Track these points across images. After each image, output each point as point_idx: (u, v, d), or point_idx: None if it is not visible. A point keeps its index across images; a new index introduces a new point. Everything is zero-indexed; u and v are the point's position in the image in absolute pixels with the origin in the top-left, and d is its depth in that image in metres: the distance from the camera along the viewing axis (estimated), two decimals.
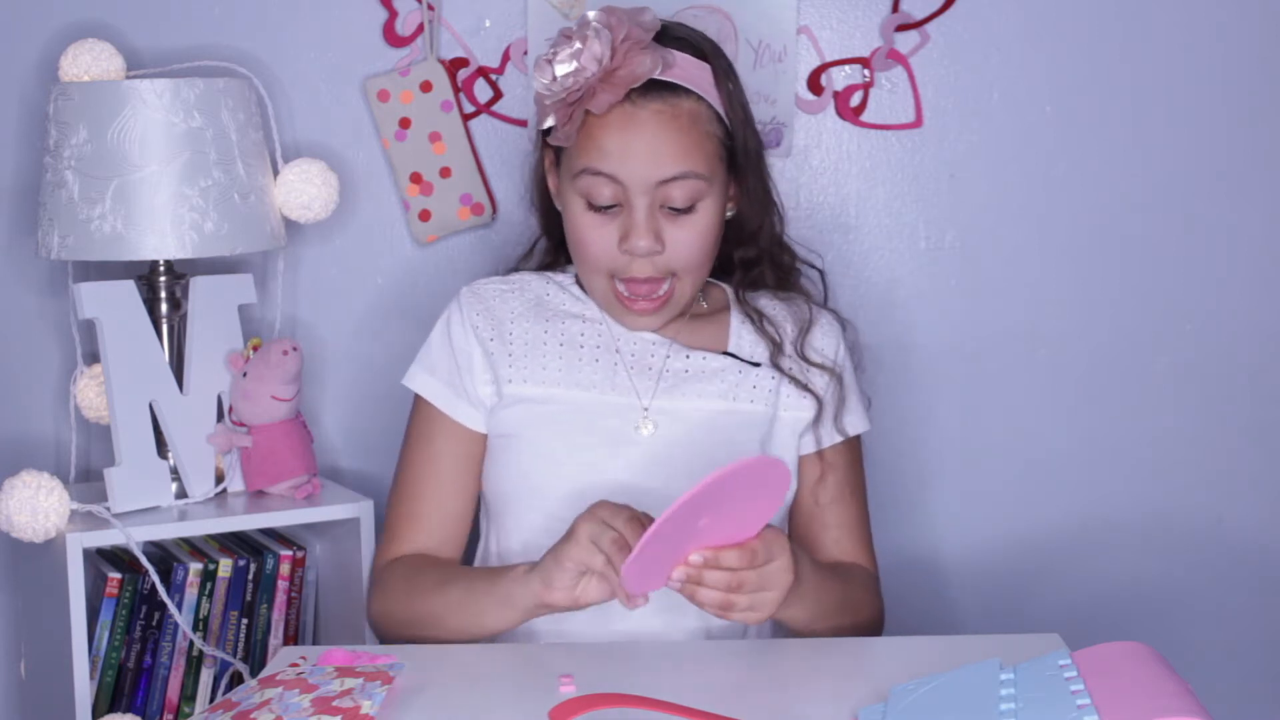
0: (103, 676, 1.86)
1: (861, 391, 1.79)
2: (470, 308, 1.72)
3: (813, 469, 1.73)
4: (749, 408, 1.69)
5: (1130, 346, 2.17)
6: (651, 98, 1.61)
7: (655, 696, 1.33)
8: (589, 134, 1.62)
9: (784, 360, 1.71)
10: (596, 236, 1.64)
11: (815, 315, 1.75)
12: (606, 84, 1.59)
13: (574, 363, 1.69)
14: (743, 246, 1.76)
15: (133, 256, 1.80)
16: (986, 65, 2.11)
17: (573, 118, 1.61)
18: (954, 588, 2.18)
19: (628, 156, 1.60)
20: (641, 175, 1.61)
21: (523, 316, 1.72)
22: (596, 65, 1.59)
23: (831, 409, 1.72)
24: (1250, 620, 2.22)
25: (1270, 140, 2.15)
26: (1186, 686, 1.17)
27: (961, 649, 1.44)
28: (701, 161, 1.63)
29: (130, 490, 1.83)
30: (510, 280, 1.76)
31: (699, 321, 1.74)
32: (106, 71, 1.87)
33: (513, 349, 1.70)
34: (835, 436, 1.73)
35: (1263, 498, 2.21)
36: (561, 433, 1.66)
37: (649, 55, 1.60)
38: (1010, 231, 2.15)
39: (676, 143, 1.61)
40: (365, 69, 2.06)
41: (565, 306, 1.73)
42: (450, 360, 1.71)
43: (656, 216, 1.62)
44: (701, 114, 1.63)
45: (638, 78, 1.60)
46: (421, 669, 1.43)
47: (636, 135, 1.61)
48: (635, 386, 1.68)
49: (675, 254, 1.64)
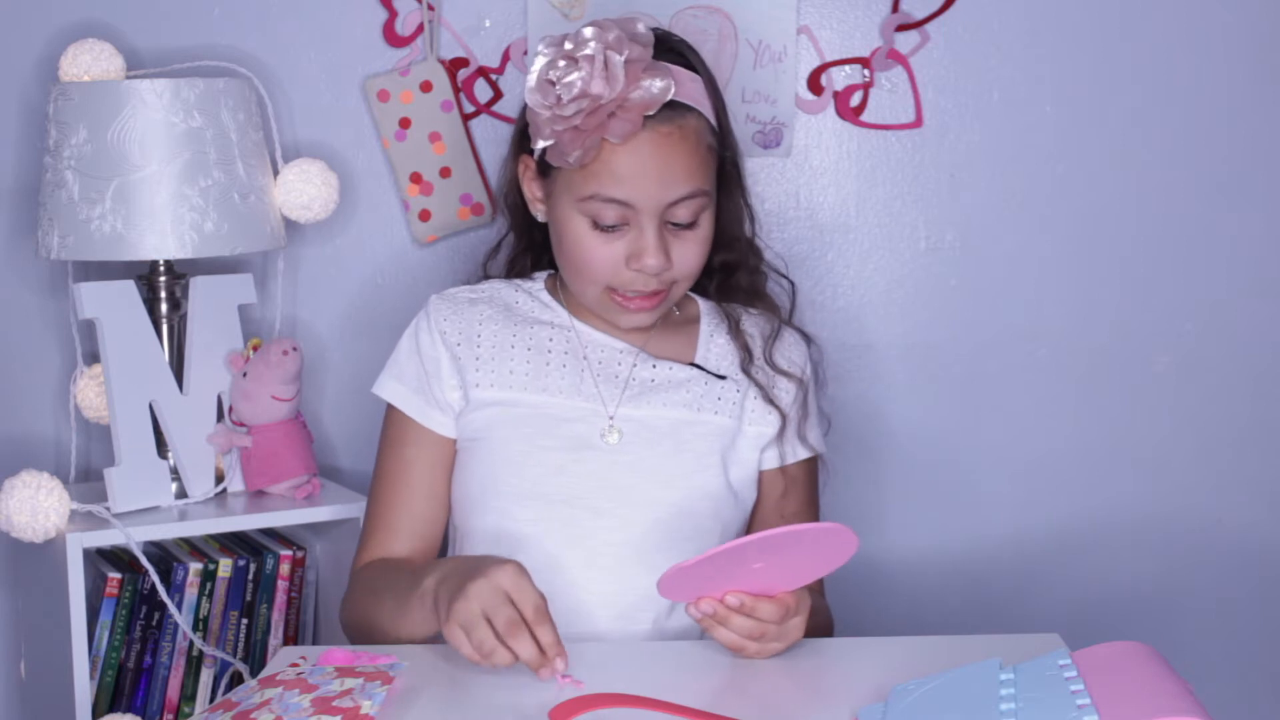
0: (103, 676, 1.86)
1: (822, 411, 1.79)
2: (438, 314, 1.72)
3: (775, 484, 1.73)
4: (713, 419, 1.69)
5: (1130, 346, 2.17)
6: (660, 119, 1.60)
7: (655, 696, 1.33)
8: (597, 157, 1.60)
9: (754, 369, 1.71)
10: (602, 255, 1.63)
11: (781, 330, 1.76)
12: (621, 111, 1.58)
13: (541, 368, 1.69)
14: (721, 251, 1.76)
15: (133, 256, 1.80)
16: (986, 65, 2.11)
17: (586, 146, 1.59)
18: (954, 588, 2.18)
19: (640, 181, 1.60)
20: (653, 198, 1.60)
21: (491, 321, 1.72)
22: (607, 91, 1.58)
23: (795, 424, 1.72)
24: (1250, 620, 2.22)
25: (1270, 141, 2.15)
26: (1186, 686, 1.17)
27: (961, 649, 1.44)
28: (705, 179, 1.64)
29: (130, 490, 1.83)
30: (479, 288, 1.77)
31: (668, 331, 1.74)
32: (106, 71, 1.87)
33: (480, 353, 1.70)
34: (801, 452, 1.73)
35: (1263, 498, 2.21)
36: (525, 435, 1.65)
37: (658, 77, 1.59)
38: (1010, 231, 2.15)
39: (685, 164, 1.61)
40: (365, 69, 2.06)
41: (534, 313, 1.73)
42: (419, 367, 1.71)
43: (664, 235, 1.63)
44: (703, 130, 1.64)
45: (650, 105, 1.58)
46: (421, 669, 1.43)
47: (649, 159, 1.60)
48: (601, 394, 1.68)
49: (679, 267, 1.65)
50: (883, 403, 2.05)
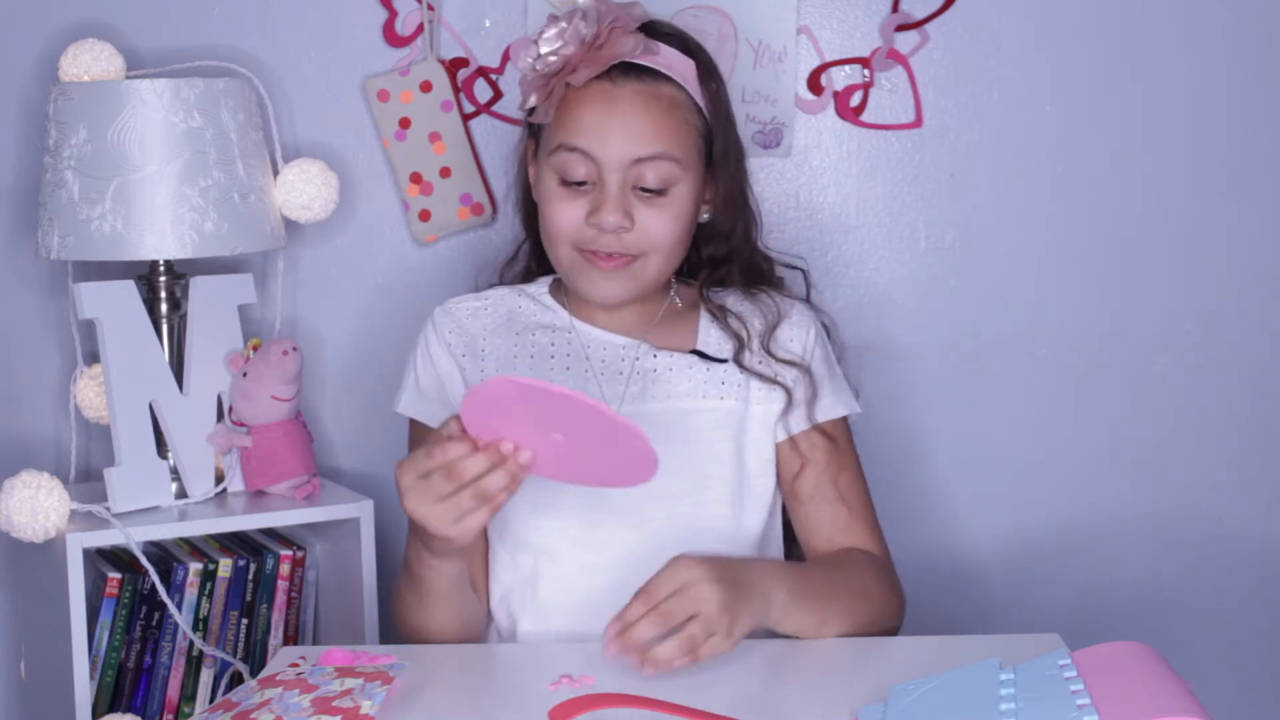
0: (103, 676, 1.86)
1: (846, 379, 1.76)
2: (443, 326, 1.73)
3: (791, 461, 1.70)
4: (719, 404, 1.68)
5: (1130, 346, 2.17)
6: (631, 79, 1.63)
7: (655, 696, 1.33)
8: (566, 110, 1.63)
9: (747, 356, 1.70)
10: (565, 208, 1.64)
11: (784, 310, 1.74)
12: (588, 60, 1.61)
13: (544, 373, 1.69)
14: (712, 244, 1.76)
15: (133, 256, 1.80)
16: (986, 65, 2.11)
17: (552, 93, 1.62)
18: (954, 588, 2.18)
19: (604, 132, 1.61)
20: (616, 152, 1.61)
21: (494, 333, 1.72)
22: (580, 43, 1.61)
23: (803, 399, 1.70)
24: (1250, 620, 2.22)
25: (1270, 140, 2.15)
26: (1186, 686, 1.17)
27: (961, 649, 1.44)
28: (677, 145, 1.63)
29: (130, 490, 1.83)
30: (482, 296, 1.77)
31: (670, 321, 1.74)
32: (106, 71, 1.87)
33: (485, 364, 1.70)
34: (804, 424, 1.71)
35: (1263, 498, 2.21)
36: None
37: (632, 37, 1.62)
38: (1010, 231, 2.15)
39: (653, 123, 1.62)
40: (365, 69, 2.06)
41: (536, 318, 1.73)
42: (435, 379, 1.72)
43: (628, 195, 1.63)
44: (681, 101, 1.64)
45: (618, 56, 1.61)
46: (421, 669, 1.43)
47: (614, 112, 1.62)
48: (604, 392, 1.68)
49: (643, 234, 1.64)
50: (882, 403, 2.05)
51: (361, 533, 1.88)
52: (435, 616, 1.57)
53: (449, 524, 1.38)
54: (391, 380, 1.79)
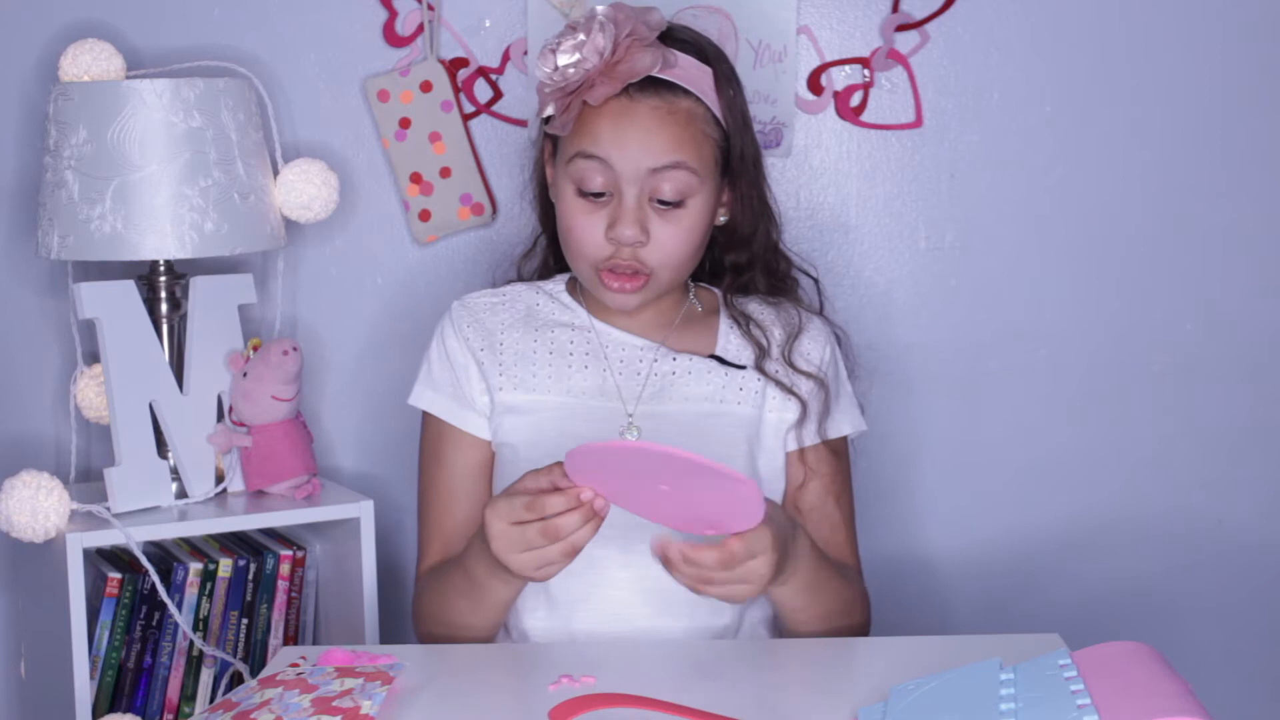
0: (103, 676, 1.86)
1: (854, 396, 1.78)
2: (461, 320, 1.73)
3: (796, 472, 1.72)
4: (736, 409, 1.69)
5: (1130, 346, 2.17)
6: (649, 94, 1.62)
7: (655, 696, 1.33)
8: (585, 121, 1.63)
9: (769, 364, 1.71)
10: (584, 223, 1.64)
11: (805, 322, 1.75)
12: (605, 76, 1.61)
13: (563, 370, 1.69)
14: (734, 251, 1.76)
15: (133, 256, 1.80)
16: (986, 65, 2.11)
17: (570, 107, 1.62)
18: (954, 588, 2.18)
19: (621, 143, 1.61)
20: (633, 162, 1.61)
21: (512, 328, 1.73)
22: (598, 58, 1.61)
23: (816, 413, 1.71)
24: (1250, 620, 2.22)
25: (1270, 140, 2.15)
26: (1186, 686, 1.17)
27: (961, 649, 1.44)
28: (694, 156, 1.63)
29: (130, 490, 1.83)
30: (500, 292, 1.77)
31: (689, 325, 1.74)
32: (106, 71, 1.87)
33: (503, 359, 1.71)
34: (815, 439, 1.72)
35: (1263, 498, 2.21)
36: (550, 439, 1.66)
37: (650, 52, 1.61)
38: (1010, 231, 2.15)
39: (670, 135, 1.62)
40: (365, 69, 2.06)
41: (554, 315, 1.74)
42: (450, 373, 1.72)
43: (645, 209, 1.63)
44: (698, 114, 1.64)
45: (636, 73, 1.61)
46: (421, 669, 1.43)
47: (631, 126, 1.62)
48: (622, 392, 1.68)
49: (658, 249, 1.64)
50: (882, 403, 2.05)
51: (361, 533, 1.88)
52: (488, 619, 1.62)
53: (533, 569, 1.44)
54: (391, 380, 1.80)
